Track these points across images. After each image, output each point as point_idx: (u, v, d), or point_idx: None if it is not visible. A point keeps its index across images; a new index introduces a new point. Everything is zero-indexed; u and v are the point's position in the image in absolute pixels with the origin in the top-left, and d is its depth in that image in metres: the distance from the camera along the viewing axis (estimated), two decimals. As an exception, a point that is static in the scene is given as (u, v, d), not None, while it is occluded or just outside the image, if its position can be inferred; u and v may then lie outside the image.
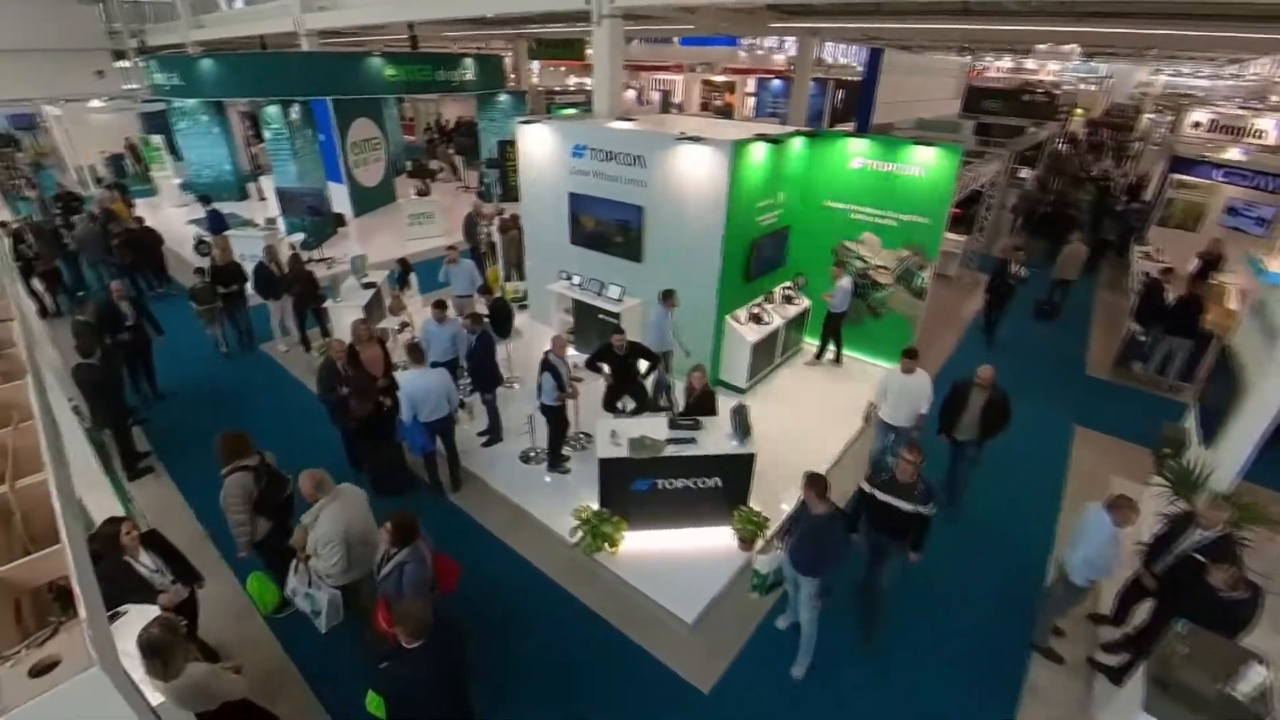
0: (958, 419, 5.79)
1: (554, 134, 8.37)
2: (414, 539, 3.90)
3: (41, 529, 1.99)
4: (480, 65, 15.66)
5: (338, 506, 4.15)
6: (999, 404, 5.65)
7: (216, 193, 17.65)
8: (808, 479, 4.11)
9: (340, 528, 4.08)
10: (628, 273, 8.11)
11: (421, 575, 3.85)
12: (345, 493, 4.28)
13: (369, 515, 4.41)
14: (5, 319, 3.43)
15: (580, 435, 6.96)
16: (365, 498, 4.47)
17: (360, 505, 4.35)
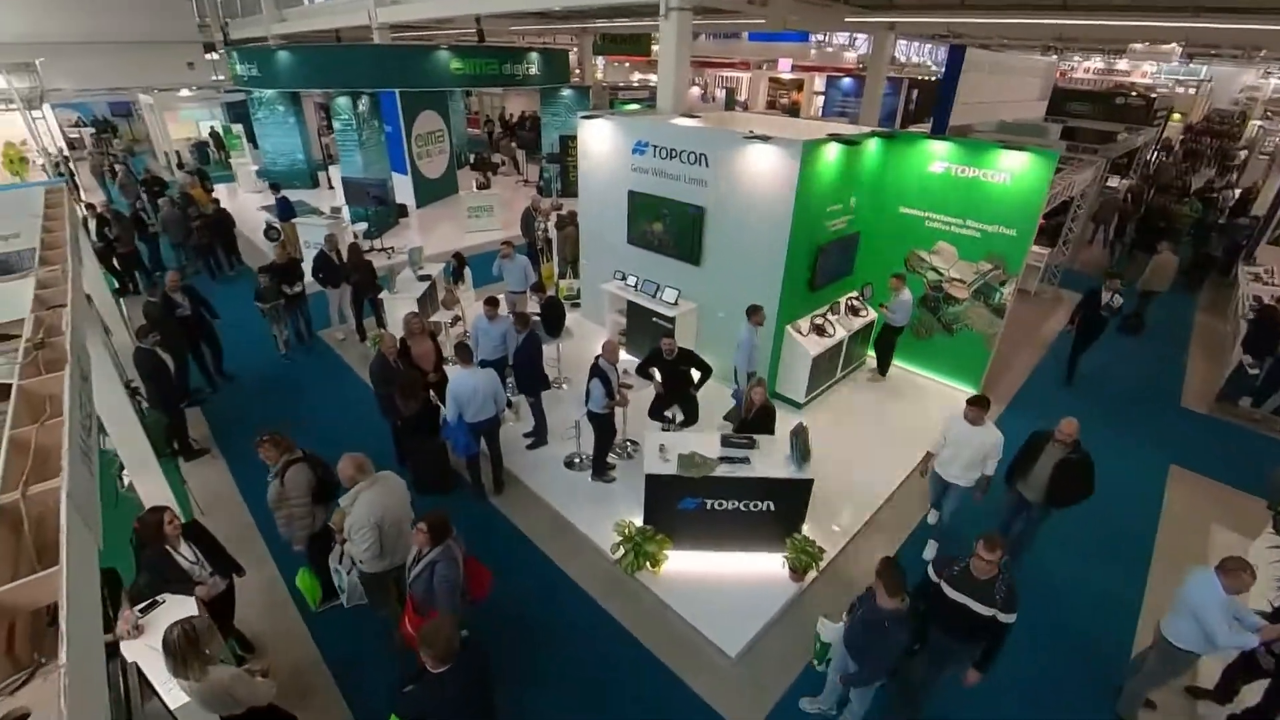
0: (1026, 472, 5.00)
1: (615, 130, 8.13)
2: (447, 538, 3.75)
3: (53, 543, 1.85)
4: (545, 60, 15.61)
5: (375, 492, 4.06)
6: (1078, 469, 4.74)
7: (289, 181, 18.31)
8: (882, 567, 3.46)
9: (376, 513, 4.00)
10: (685, 276, 7.80)
11: (453, 576, 3.70)
12: (384, 479, 4.19)
13: (407, 505, 4.32)
14: (57, 304, 3.41)
15: (627, 443, 6.71)
16: (405, 487, 4.36)
17: (398, 493, 4.25)
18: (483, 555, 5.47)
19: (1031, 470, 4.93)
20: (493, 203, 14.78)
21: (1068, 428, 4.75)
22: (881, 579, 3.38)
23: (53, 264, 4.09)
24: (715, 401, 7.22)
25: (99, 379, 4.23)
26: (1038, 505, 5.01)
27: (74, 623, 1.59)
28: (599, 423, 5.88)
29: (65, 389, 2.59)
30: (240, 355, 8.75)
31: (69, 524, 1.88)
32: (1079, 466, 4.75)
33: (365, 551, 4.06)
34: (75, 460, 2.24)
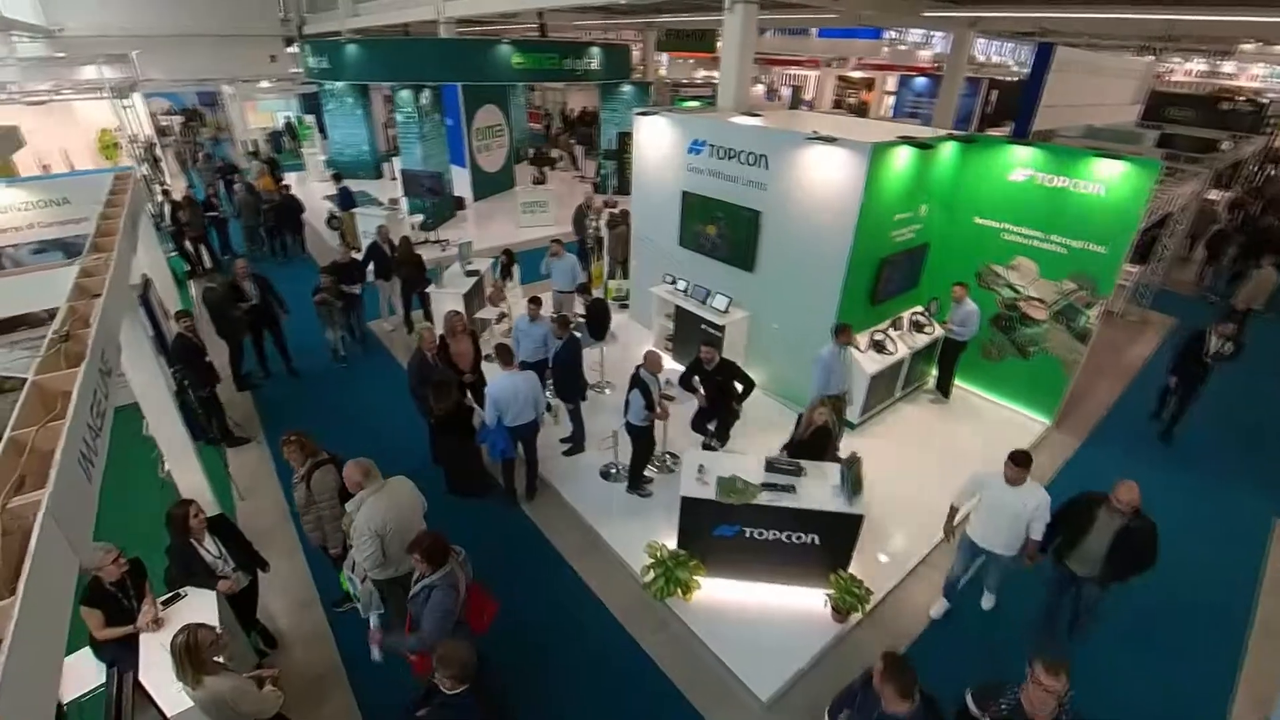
0: (1076, 544, 4.20)
1: (672, 127, 7.83)
2: (444, 563, 3.48)
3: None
4: (606, 55, 15.43)
5: (378, 499, 3.89)
6: (1141, 538, 3.98)
7: (354, 171, 18.80)
8: (886, 666, 2.81)
9: (376, 521, 3.83)
10: (737, 282, 7.44)
11: (448, 604, 3.42)
12: (392, 486, 4.01)
13: (416, 512, 4.13)
14: (93, 294, 3.38)
15: (666, 455, 6.42)
16: (414, 493, 4.16)
17: (406, 500, 4.06)
18: (507, 564, 5.38)
19: (1082, 541, 4.16)
20: (547, 198, 14.74)
21: (1126, 495, 3.93)
22: (893, 681, 2.77)
23: (102, 251, 4.12)
24: (768, 420, 6.86)
25: (137, 367, 4.26)
26: (1091, 581, 4.24)
27: (15, 664, 1.43)
28: (638, 435, 5.61)
29: (75, 388, 2.50)
30: (294, 342, 8.87)
31: (41, 545, 1.76)
32: (1144, 536, 3.99)
33: (366, 560, 3.91)
34: (69, 470, 2.13)
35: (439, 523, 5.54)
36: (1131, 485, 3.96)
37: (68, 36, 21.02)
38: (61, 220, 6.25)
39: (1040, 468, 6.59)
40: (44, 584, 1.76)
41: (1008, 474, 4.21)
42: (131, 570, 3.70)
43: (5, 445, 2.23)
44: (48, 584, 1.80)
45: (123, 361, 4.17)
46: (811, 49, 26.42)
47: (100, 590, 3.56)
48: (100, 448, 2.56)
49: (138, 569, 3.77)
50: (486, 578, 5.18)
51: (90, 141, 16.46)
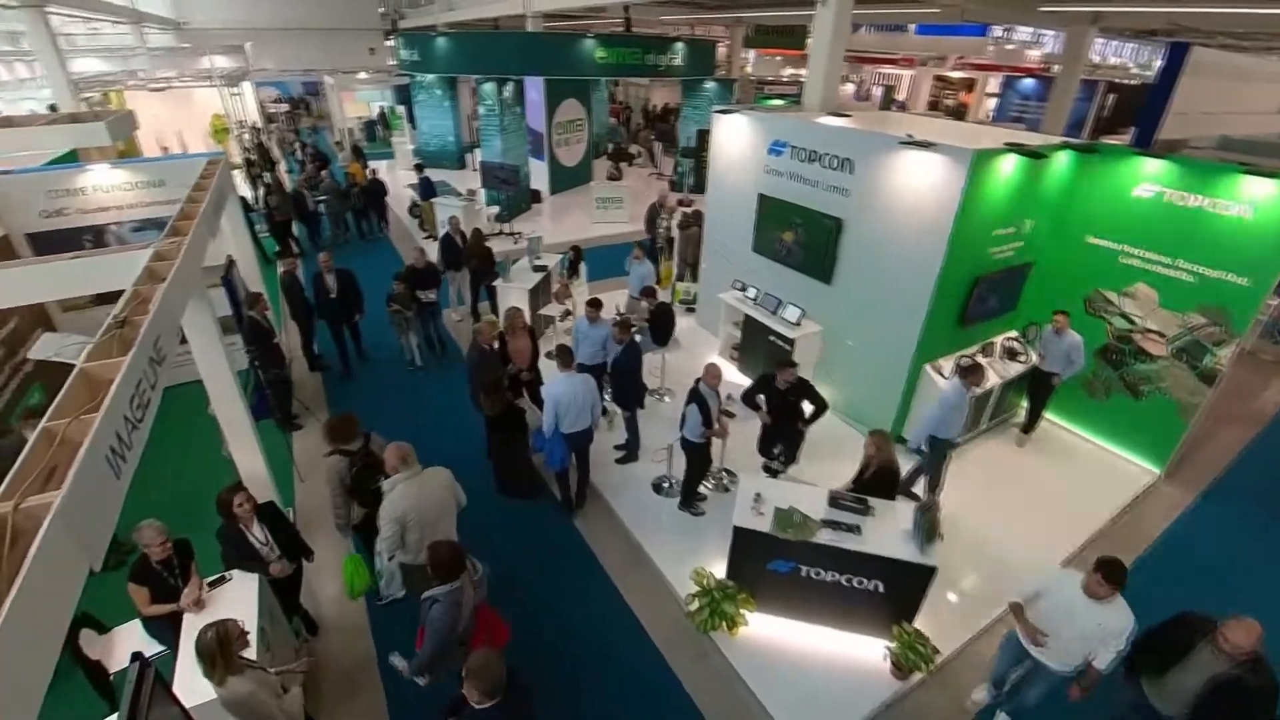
0: (1163, 672, 3.32)
1: (752, 126, 7.44)
2: (452, 578, 3.33)
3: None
4: (690, 50, 15.09)
5: (408, 486, 3.90)
6: (1253, 697, 3.03)
7: (439, 161, 19.33)
8: None
9: (400, 507, 3.84)
10: (812, 294, 6.99)
11: (442, 623, 3.29)
12: (426, 476, 4.00)
13: (446, 507, 4.08)
14: (156, 280, 3.41)
15: (722, 472, 6.09)
16: (449, 488, 4.12)
17: (436, 493, 4.00)
18: (547, 571, 5.22)
19: (1171, 673, 3.27)
20: (622, 195, 14.59)
21: (1240, 636, 3.00)
22: None
23: (178, 235, 4.21)
24: (836, 444, 6.40)
25: (203, 347, 4.35)
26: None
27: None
28: (693, 451, 5.31)
29: (117, 379, 2.47)
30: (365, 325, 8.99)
31: (43, 551, 1.72)
32: (1256, 693, 3.02)
33: (384, 543, 3.95)
34: (91, 470, 2.08)
35: (484, 520, 5.59)
36: (1251, 626, 3.02)
37: (192, 29, 22.68)
38: (158, 200, 6.58)
39: (1141, 526, 5.85)
40: (40, 591, 1.71)
41: (1090, 585, 3.36)
42: (178, 550, 3.76)
43: (38, 436, 2.20)
44: (45, 590, 1.74)
45: (190, 341, 4.28)
46: (908, 46, 25.03)
47: (147, 568, 3.64)
48: (138, 440, 2.53)
49: (185, 549, 3.83)
50: (524, 583, 5.11)
51: (204, 126, 17.63)
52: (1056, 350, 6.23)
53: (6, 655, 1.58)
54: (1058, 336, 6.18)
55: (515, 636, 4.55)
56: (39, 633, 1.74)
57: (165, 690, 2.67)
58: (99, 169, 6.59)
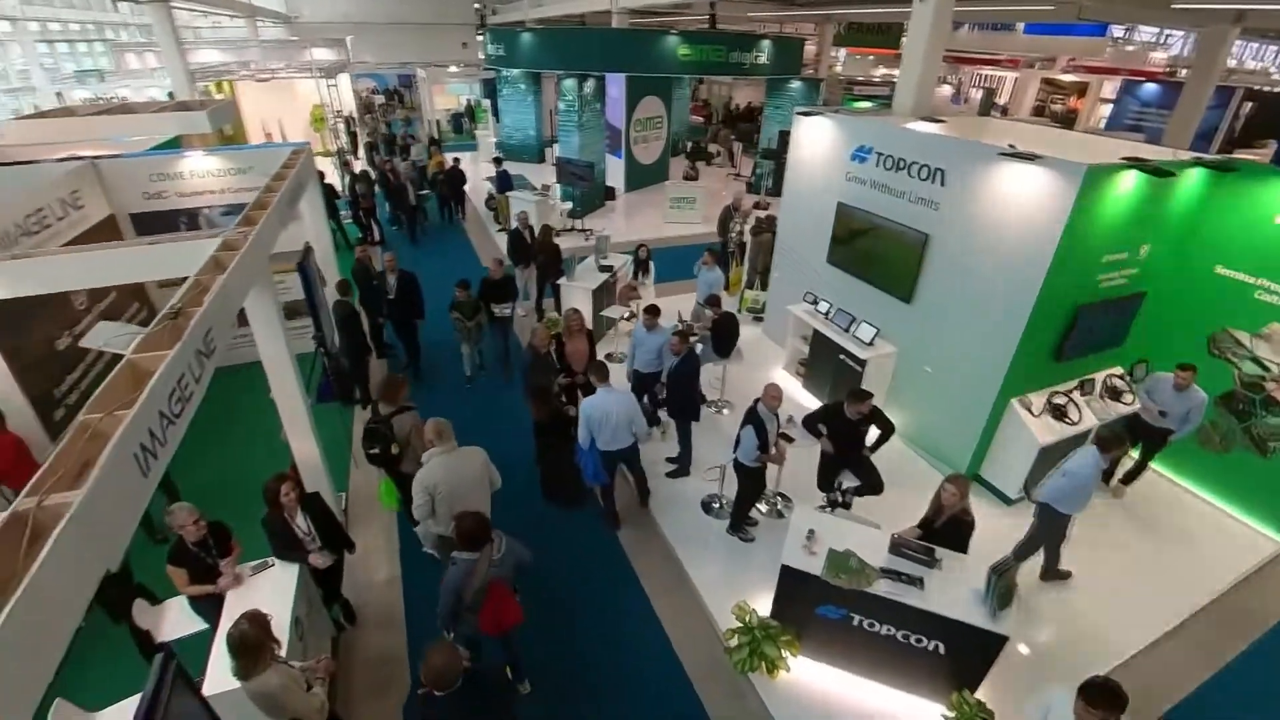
0: None
1: (835, 129, 7.01)
2: (474, 548, 3.48)
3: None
4: (776, 48, 14.58)
5: (441, 460, 4.14)
6: None
7: (520, 155, 19.64)
8: None
9: (431, 479, 4.10)
10: (890, 313, 6.51)
11: (452, 584, 3.45)
12: (461, 453, 4.23)
13: (479, 484, 4.25)
14: (219, 269, 3.45)
15: (777, 497, 5.76)
16: (482, 467, 4.29)
17: (468, 471, 4.21)
18: (583, 584, 5.05)
19: None
20: (697, 195, 14.31)
21: None
22: None
23: (249, 224, 4.31)
24: (903, 477, 5.91)
25: (264, 333, 4.43)
26: None
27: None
28: (745, 475, 5.01)
29: (156, 375, 2.46)
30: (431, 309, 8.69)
31: (55, 553, 1.71)
32: None
33: (417, 510, 4.19)
34: (117, 469, 2.07)
35: (528, 523, 5.54)
36: None
37: (301, 23, 24.05)
38: (245, 187, 6.87)
39: (1258, 604, 5.06)
40: (48, 592, 1.70)
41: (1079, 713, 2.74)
42: (215, 532, 3.85)
43: (75, 429, 2.20)
44: (53, 592, 1.73)
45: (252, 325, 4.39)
46: (1014, 46, 23.31)
47: (184, 549, 3.74)
48: (173, 436, 2.53)
49: (221, 530, 3.92)
50: (558, 592, 4.98)
51: (304, 115, 18.61)
52: (1175, 407, 5.47)
53: (3, 654, 1.55)
54: (1179, 393, 5.42)
55: (545, 646, 4.48)
56: (41, 634, 1.71)
57: (186, 682, 2.67)
58: (195, 155, 6.97)
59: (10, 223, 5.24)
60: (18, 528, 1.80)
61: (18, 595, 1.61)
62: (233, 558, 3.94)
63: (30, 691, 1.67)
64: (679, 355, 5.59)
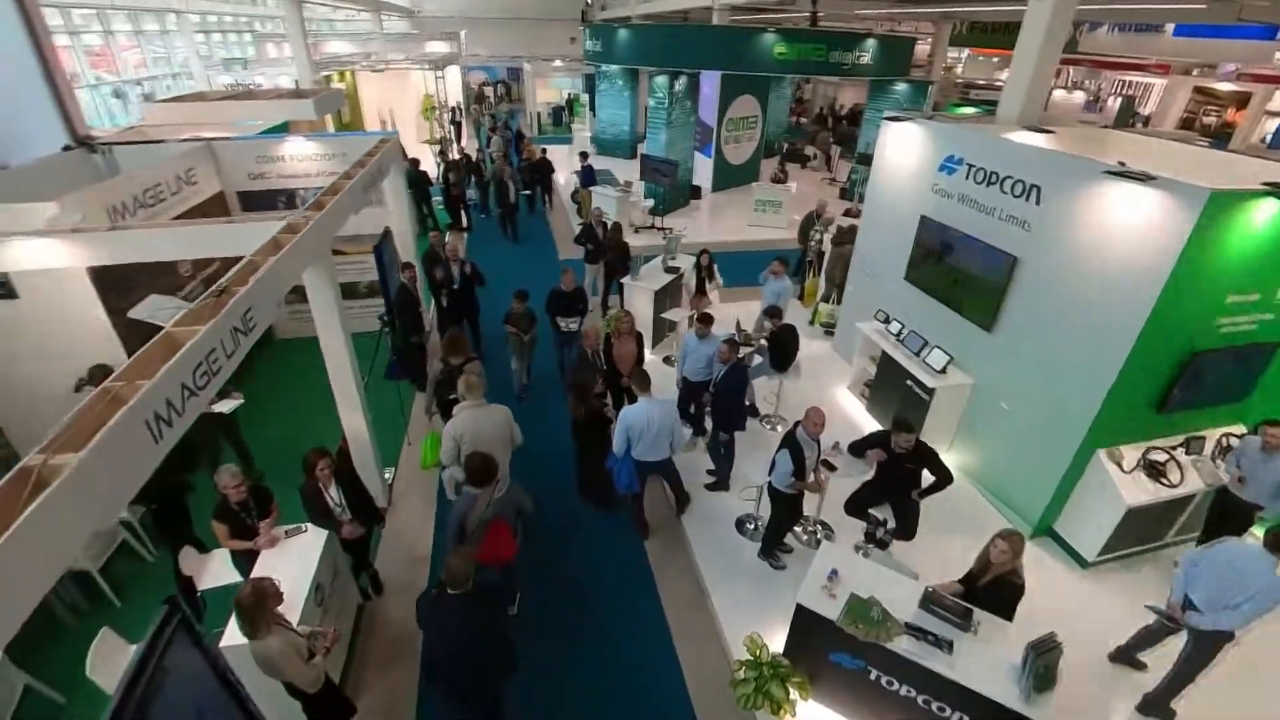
0: None
1: (925, 136, 6.50)
2: (477, 485, 3.98)
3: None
4: (883, 48, 13.80)
5: (470, 413, 4.62)
6: None
7: (612, 150, 19.83)
8: None
9: (458, 429, 4.58)
10: (967, 340, 5.97)
11: (459, 512, 4.01)
12: (487, 409, 4.70)
13: (499, 440, 4.65)
14: (274, 251, 3.64)
15: (816, 525, 5.44)
16: (504, 425, 4.71)
17: (489, 426, 4.63)
18: (605, 592, 5.02)
19: None
20: (783, 199, 13.82)
21: None
22: None
23: (318, 209, 4.54)
24: (958, 518, 5.43)
25: (320, 311, 4.67)
26: None
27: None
28: (779, 501, 4.75)
29: (182, 350, 2.60)
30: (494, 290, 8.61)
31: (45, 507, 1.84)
32: None
33: (444, 455, 4.68)
34: (124, 435, 2.20)
35: (560, 517, 5.65)
36: None
37: (423, 16, 25.46)
38: (336, 171, 7.27)
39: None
40: (30, 544, 1.82)
41: None
42: (255, 494, 4.12)
43: (97, 394, 2.36)
44: (35, 544, 1.85)
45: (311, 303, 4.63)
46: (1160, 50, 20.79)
47: (226, 508, 4.02)
48: (193, 406, 2.66)
49: (262, 494, 4.18)
50: (574, 591, 4.98)
51: (415, 105, 19.66)
52: (1262, 474, 4.55)
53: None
54: (1267, 456, 4.55)
55: (550, 641, 4.55)
56: (16, 581, 1.83)
57: (189, 633, 2.83)
58: (295, 140, 7.50)
59: (129, 195, 5.83)
60: (22, 480, 1.95)
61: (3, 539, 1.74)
62: (270, 519, 4.19)
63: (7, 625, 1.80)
64: (727, 364, 5.38)
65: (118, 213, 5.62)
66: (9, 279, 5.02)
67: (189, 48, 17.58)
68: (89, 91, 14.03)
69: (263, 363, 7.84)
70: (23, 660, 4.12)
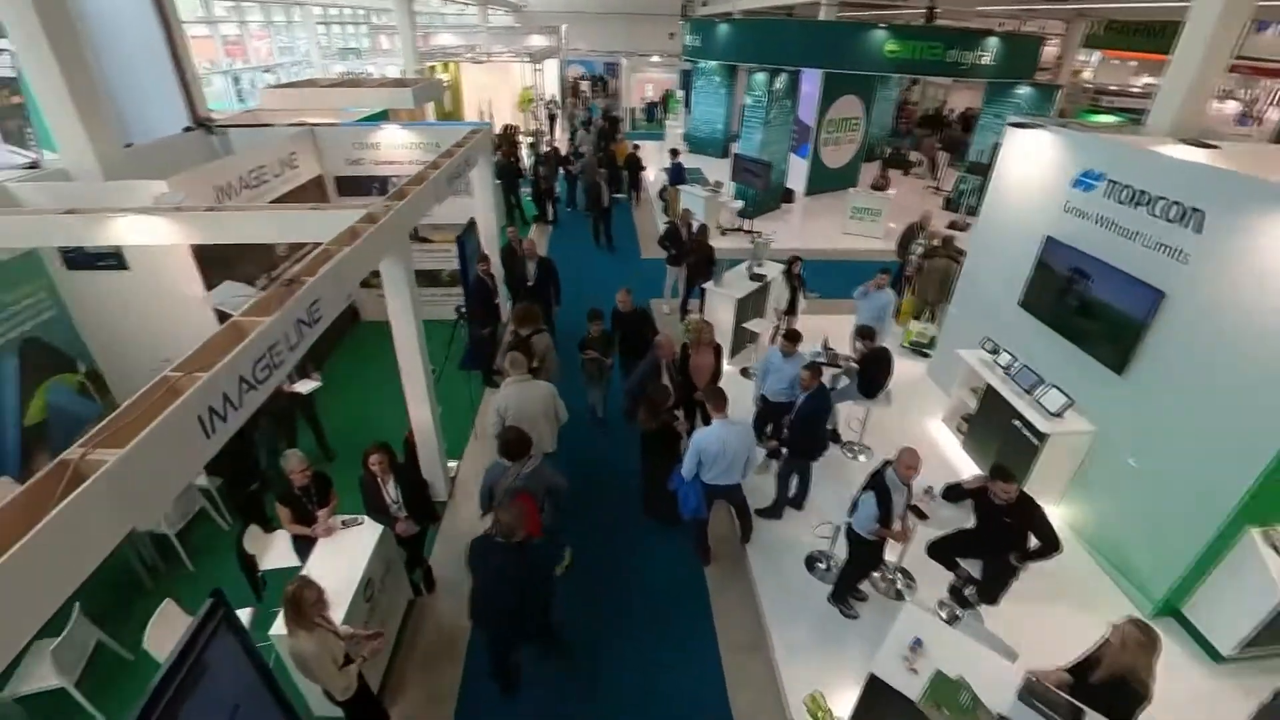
0: None
1: (1058, 147, 5.77)
2: (510, 458, 4.13)
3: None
4: (1006, 48, 12.65)
5: (513, 388, 4.83)
6: None
7: (705, 148, 19.43)
8: None
9: (503, 402, 4.80)
10: (1092, 383, 5.24)
11: (489, 480, 4.19)
12: (529, 385, 4.89)
13: (541, 416, 4.86)
14: (349, 241, 3.58)
15: (897, 573, 4.92)
16: (546, 400, 4.88)
17: (531, 402, 4.81)
18: (653, 617, 4.71)
19: None
20: (883, 206, 12.97)
21: None
22: None
23: (399, 199, 4.50)
24: (1065, 584, 4.78)
25: (394, 301, 4.63)
26: None
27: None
28: (858, 545, 4.28)
29: (243, 343, 2.53)
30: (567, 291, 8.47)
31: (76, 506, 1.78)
32: None
33: (490, 426, 4.94)
34: (173, 430, 2.14)
35: (624, 532, 5.42)
36: None
37: (527, 10, 25.95)
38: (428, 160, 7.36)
39: None
40: (59, 541, 1.76)
41: None
42: (318, 481, 4.15)
43: (156, 382, 2.30)
44: (65, 541, 1.79)
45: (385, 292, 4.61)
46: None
47: (290, 491, 4.07)
48: (251, 401, 2.58)
49: (323, 481, 4.22)
50: (624, 611, 4.72)
51: (513, 97, 20.01)
52: None
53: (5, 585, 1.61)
54: None
55: (594, 659, 4.36)
56: (41, 580, 1.75)
57: (231, 625, 2.78)
58: (390, 128, 7.63)
59: (235, 176, 6.07)
60: (59, 474, 1.88)
61: (28, 536, 1.67)
62: (329, 508, 4.19)
63: (28, 622, 1.73)
64: (808, 391, 4.94)
65: (224, 192, 5.86)
66: (120, 251, 5.32)
67: (310, 38, 18.66)
68: (222, 77, 15.14)
69: (347, 342, 8.09)
70: (101, 616, 4.33)
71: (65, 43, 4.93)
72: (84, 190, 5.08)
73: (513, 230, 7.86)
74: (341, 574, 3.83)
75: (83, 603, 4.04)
